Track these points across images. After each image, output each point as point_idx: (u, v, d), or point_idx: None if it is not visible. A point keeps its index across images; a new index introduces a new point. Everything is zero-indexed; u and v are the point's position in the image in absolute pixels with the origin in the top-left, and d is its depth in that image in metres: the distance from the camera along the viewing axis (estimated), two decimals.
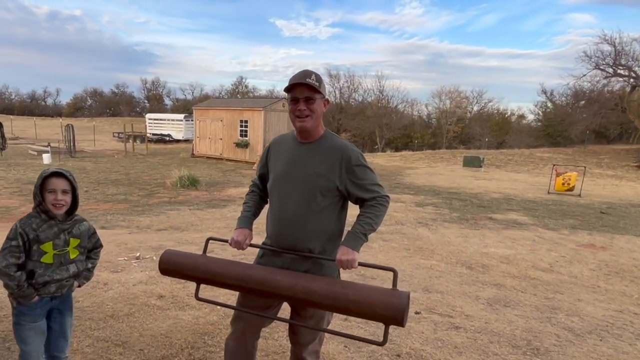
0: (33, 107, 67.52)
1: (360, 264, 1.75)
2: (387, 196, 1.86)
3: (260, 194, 2.07)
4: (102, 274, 3.95)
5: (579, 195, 12.29)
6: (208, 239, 2.01)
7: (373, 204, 1.81)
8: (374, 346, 2.87)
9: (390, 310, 1.59)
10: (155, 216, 7.53)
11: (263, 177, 2.02)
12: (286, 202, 1.82)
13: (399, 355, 2.79)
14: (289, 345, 2.07)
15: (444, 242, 6.42)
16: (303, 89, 1.76)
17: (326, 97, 1.86)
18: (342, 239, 1.82)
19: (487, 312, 3.66)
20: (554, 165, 15.64)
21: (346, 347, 2.85)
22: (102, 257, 4.68)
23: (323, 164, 1.80)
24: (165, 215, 7.60)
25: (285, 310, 2.00)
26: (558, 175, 12.72)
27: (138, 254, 4.68)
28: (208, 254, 1.98)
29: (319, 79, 1.79)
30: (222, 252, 4.94)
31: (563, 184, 12.55)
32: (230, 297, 3.31)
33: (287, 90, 1.80)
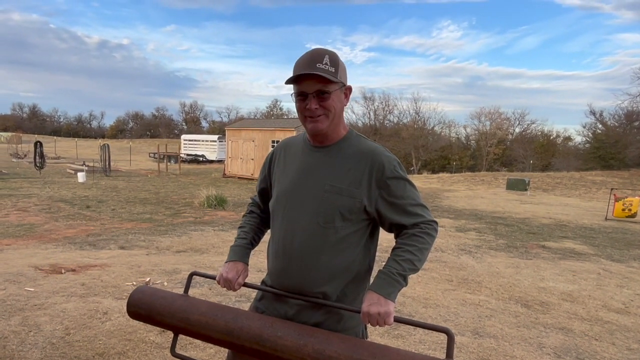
0: (79, 129, 71.17)
1: (398, 320, 1.18)
2: (435, 222, 1.30)
3: (261, 216, 1.56)
4: (104, 301, 3.52)
5: None
6: (191, 274, 1.50)
7: (415, 233, 1.26)
8: None
9: None
10: (177, 237, 7.17)
11: (265, 194, 1.51)
12: (293, 228, 1.30)
13: None
14: None
15: (491, 273, 5.65)
16: (312, 82, 1.23)
17: (347, 84, 1.32)
18: (371, 281, 1.27)
19: None
20: (612, 189, 14.33)
21: None
22: (109, 281, 4.33)
23: (345, 175, 1.27)
24: (187, 236, 7.23)
25: None
26: (617, 200, 11.54)
27: (148, 279, 4.24)
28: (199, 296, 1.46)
29: (334, 60, 1.25)
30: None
31: (623, 209, 11.34)
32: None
33: (290, 82, 1.27)
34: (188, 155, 31.15)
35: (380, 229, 1.36)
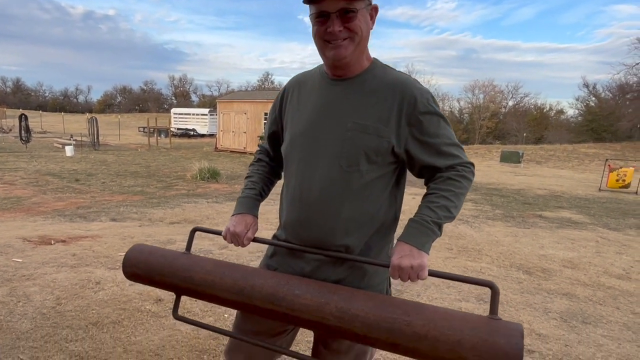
0: (65, 104, 69.56)
1: (433, 274, 1.04)
2: (472, 164, 1.16)
3: (271, 164, 1.39)
4: (96, 271, 3.38)
5: (636, 193, 11.10)
6: (193, 230, 1.35)
7: (451, 176, 1.11)
8: None
9: (493, 358, 0.88)
10: (170, 209, 7.00)
11: (275, 138, 1.34)
12: (311, 174, 1.14)
13: None
14: None
15: (491, 241, 5.60)
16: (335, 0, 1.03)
17: (373, 1, 1.13)
18: (397, 233, 1.13)
19: (564, 331, 2.87)
20: (606, 160, 14.35)
21: None
22: (101, 251, 4.17)
23: (370, 111, 1.10)
24: (180, 208, 7.07)
25: (305, 335, 1.32)
26: (611, 170, 11.54)
27: None
28: (198, 254, 1.31)
29: None
30: (219, 251, 4.32)
31: (617, 180, 11.37)
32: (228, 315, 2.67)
33: (308, 1, 1.07)
34: (179, 129, 30.59)
35: (407, 173, 1.21)
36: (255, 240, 1.25)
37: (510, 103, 44.90)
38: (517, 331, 0.89)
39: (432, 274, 1.04)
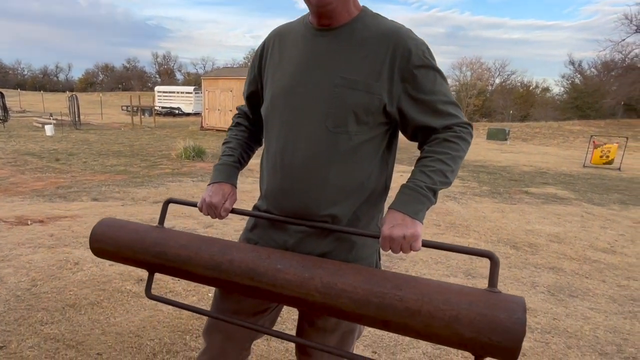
0: (45, 83, 67.55)
1: (428, 245, 0.96)
2: (470, 124, 1.07)
3: (250, 129, 1.28)
4: (75, 252, 3.26)
5: (619, 169, 11.24)
6: (166, 202, 1.25)
7: (448, 138, 1.02)
8: (413, 352, 2.12)
9: (493, 334, 0.81)
10: (154, 188, 6.84)
11: (255, 99, 1.22)
12: (294, 136, 1.03)
13: None
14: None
15: (478, 217, 5.61)
16: None
17: None
18: (391, 199, 1.04)
19: (551, 305, 2.87)
20: (591, 136, 14.46)
21: (375, 352, 2.11)
22: (80, 231, 4.03)
23: (360, 64, 0.99)
24: (164, 187, 6.91)
25: (292, 312, 1.24)
26: (596, 147, 11.65)
27: None
28: (172, 227, 1.21)
29: None
30: (204, 230, 4.22)
31: (601, 156, 11.49)
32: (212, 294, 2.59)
33: None
34: (163, 108, 29.92)
35: (399, 136, 1.11)
36: (233, 211, 1.15)
37: (497, 81, 44.99)
38: (519, 305, 0.82)
39: (427, 244, 0.96)
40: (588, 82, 34.88)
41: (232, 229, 4.17)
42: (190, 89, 31.23)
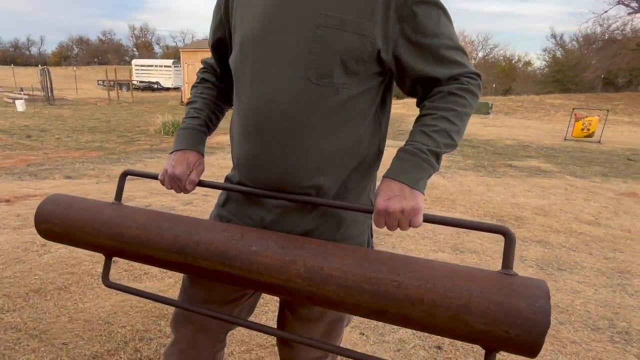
0: (16, 57, 64.65)
1: (430, 220, 0.82)
2: (478, 75, 0.91)
3: (218, 86, 1.10)
4: None
5: (599, 142, 11.36)
6: (124, 174, 1.08)
7: (453, 91, 0.86)
8: (402, 333, 2.03)
9: (510, 326, 0.68)
10: (131, 164, 6.58)
11: (222, 47, 1.02)
12: (269, 91, 0.85)
13: (439, 347, 1.95)
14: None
15: (464, 191, 5.55)
16: None
17: None
18: (384, 167, 0.89)
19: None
20: (573, 109, 14.53)
21: (363, 334, 2.01)
22: None
23: (348, 0, 0.81)
24: (142, 164, 6.65)
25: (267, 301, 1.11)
26: (578, 120, 11.70)
27: None
28: (148, 206, 1.05)
29: None
30: (182, 207, 4.04)
31: (582, 129, 11.57)
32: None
33: None
34: (141, 82, 28.99)
35: (392, 92, 0.95)
36: (200, 184, 0.99)
37: (480, 54, 44.85)
38: (541, 290, 0.69)
39: (429, 219, 0.81)
40: (569, 55, 34.99)
41: (211, 205, 3.99)
42: (169, 62, 30.24)
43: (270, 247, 0.84)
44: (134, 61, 33.52)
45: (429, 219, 0.81)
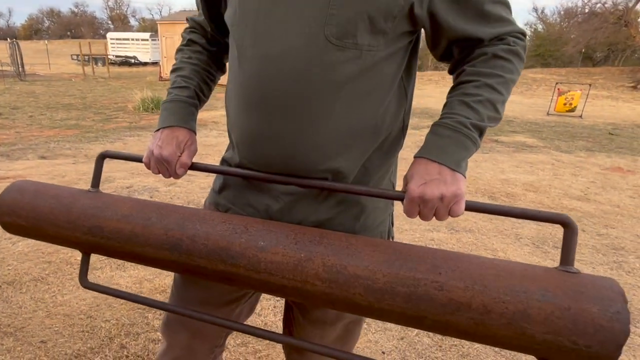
0: None
1: (473, 209, 0.70)
2: (524, 34, 0.77)
3: (209, 49, 0.92)
4: None
5: (581, 117, 11.46)
6: (101, 156, 0.92)
7: (498, 53, 0.72)
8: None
9: (580, 336, 0.57)
10: (110, 143, 6.29)
11: (214, 3, 0.85)
12: (275, 55, 0.69)
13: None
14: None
15: None
16: None
17: None
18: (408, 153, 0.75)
19: (539, 258, 2.78)
20: (556, 83, 14.58)
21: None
22: None
23: None
24: (122, 142, 6.37)
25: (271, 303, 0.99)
26: (560, 94, 11.74)
27: None
28: (139, 194, 0.90)
29: None
30: (165, 188, 3.87)
31: (565, 104, 11.63)
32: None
33: None
34: (117, 57, 27.92)
35: (417, 58, 0.82)
36: (193, 167, 0.84)
37: None
38: (614, 291, 0.58)
39: (473, 207, 0.69)
40: (550, 29, 35.05)
41: (197, 186, 3.82)
42: (146, 35, 29.13)
43: (281, 242, 0.71)
44: (109, 34, 32.17)
45: (472, 207, 0.69)
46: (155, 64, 26.11)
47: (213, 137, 6.99)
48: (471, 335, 0.63)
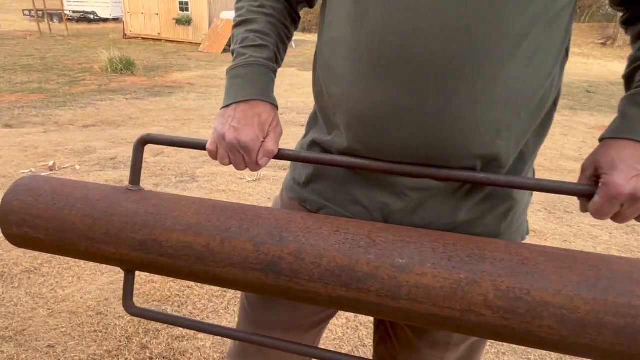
0: None
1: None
2: None
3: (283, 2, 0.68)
4: None
5: None
6: (141, 142, 0.68)
7: None
8: None
9: None
10: (81, 109, 5.81)
11: None
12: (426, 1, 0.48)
13: None
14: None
15: None
16: None
17: None
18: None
19: (555, 225, 2.71)
20: None
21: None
22: None
23: None
24: (94, 107, 5.90)
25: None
26: None
27: (52, 163, 3.23)
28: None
29: None
30: (154, 159, 3.58)
31: None
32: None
33: None
34: (75, 12, 25.90)
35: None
36: (280, 156, 0.63)
37: None
38: None
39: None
40: None
41: (187, 155, 3.54)
42: None
43: (428, 259, 0.53)
44: None
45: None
46: (116, 20, 24.45)
47: (192, 100, 6.58)
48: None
